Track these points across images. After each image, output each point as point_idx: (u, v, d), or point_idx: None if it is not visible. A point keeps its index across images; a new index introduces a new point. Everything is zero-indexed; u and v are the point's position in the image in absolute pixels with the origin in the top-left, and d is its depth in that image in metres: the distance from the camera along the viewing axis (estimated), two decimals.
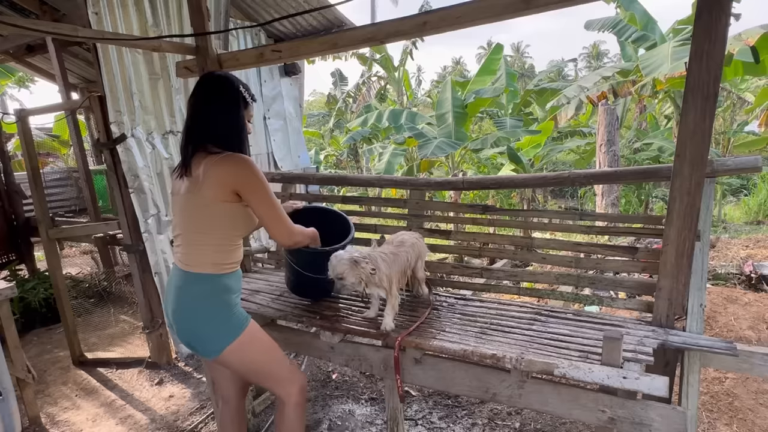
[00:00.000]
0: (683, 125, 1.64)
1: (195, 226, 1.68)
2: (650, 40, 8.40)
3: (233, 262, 1.74)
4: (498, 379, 1.73)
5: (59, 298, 3.66)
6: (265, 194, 1.66)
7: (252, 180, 1.63)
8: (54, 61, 4.57)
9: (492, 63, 9.71)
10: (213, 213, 1.65)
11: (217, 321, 1.67)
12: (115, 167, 3.24)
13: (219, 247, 1.68)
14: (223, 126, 1.69)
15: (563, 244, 2.09)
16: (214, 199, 1.62)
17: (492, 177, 2.24)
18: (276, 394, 1.83)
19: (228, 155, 1.64)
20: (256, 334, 1.76)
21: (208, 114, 1.68)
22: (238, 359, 1.72)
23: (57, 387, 3.45)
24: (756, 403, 2.49)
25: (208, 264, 1.67)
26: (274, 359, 1.80)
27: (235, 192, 1.63)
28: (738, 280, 3.77)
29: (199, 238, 1.68)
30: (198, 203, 1.65)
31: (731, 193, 12.12)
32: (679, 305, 1.80)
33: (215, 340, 1.67)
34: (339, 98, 16.57)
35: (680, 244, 1.74)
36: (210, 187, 1.61)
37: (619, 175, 2.03)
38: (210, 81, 1.73)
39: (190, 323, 1.68)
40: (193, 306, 1.67)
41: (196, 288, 1.67)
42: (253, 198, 1.65)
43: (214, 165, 1.62)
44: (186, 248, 1.70)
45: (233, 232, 1.71)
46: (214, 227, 1.67)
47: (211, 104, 1.69)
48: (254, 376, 1.83)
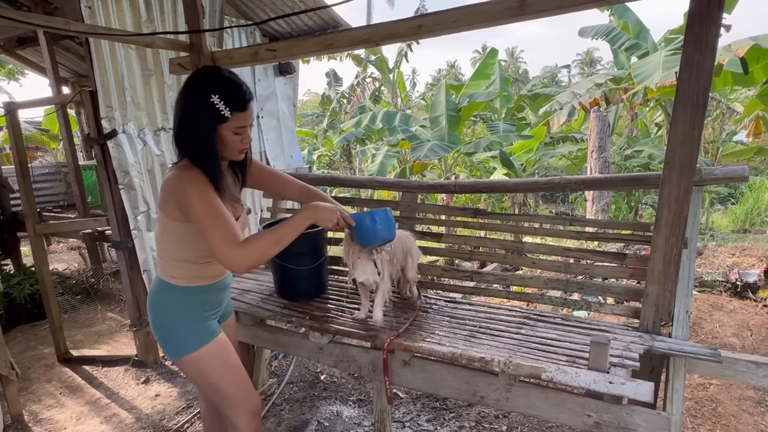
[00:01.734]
0: (672, 133, 1.67)
1: (159, 238, 1.65)
2: (642, 49, 8.49)
3: (202, 278, 1.65)
4: (486, 382, 1.73)
5: (45, 294, 3.61)
6: (197, 209, 1.42)
7: (186, 192, 1.43)
8: (45, 54, 4.52)
9: (486, 67, 9.77)
10: (169, 229, 1.57)
11: (179, 330, 1.64)
12: (105, 163, 3.20)
13: (179, 263, 1.60)
14: (184, 133, 1.49)
15: (553, 248, 2.11)
16: (168, 214, 1.53)
17: (484, 181, 2.25)
18: (226, 417, 1.73)
19: (175, 168, 1.49)
20: (219, 352, 1.67)
21: (174, 119, 1.52)
22: (192, 371, 1.67)
23: (41, 384, 3.40)
24: (739, 409, 2.52)
25: (168, 276, 1.63)
26: (229, 382, 1.69)
27: (179, 209, 1.49)
28: (724, 288, 3.82)
29: (161, 251, 1.65)
30: (159, 216, 1.59)
31: (719, 202, 12.29)
32: (666, 311, 1.82)
33: (174, 347, 1.65)
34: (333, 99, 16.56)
35: (668, 251, 1.76)
36: (162, 202, 1.54)
37: (609, 182, 2.05)
38: (189, 79, 1.52)
39: (156, 324, 1.67)
40: (156, 311, 1.66)
41: (160, 295, 1.66)
42: (190, 213, 1.44)
43: (166, 177, 1.52)
44: (157, 257, 1.69)
45: (193, 251, 1.58)
46: (172, 243, 1.59)
47: (178, 108, 1.50)
48: (207, 391, 1.74)
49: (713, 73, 1.90)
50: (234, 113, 1.46)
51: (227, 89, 1.46)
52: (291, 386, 3.19)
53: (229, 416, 1.71)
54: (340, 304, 2.31)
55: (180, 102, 1.50)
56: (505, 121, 10.93)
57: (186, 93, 1.49)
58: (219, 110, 1.43)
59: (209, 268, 1.66)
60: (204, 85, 1.46)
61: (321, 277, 2.42)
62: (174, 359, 1.67)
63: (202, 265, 1.63)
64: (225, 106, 1.44)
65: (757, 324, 2.92)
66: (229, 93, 1.46)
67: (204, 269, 1.64)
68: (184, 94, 1.49)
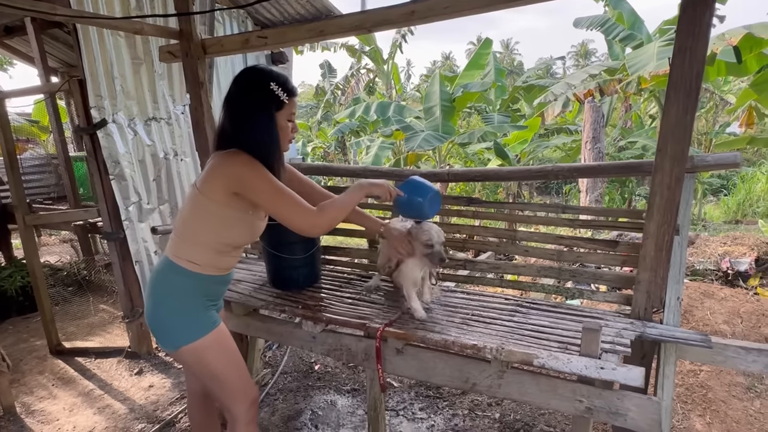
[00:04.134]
0: (665, 120, 1.66)
1: (188, 219, 1.61)
2: (637, 40, 8.48)
3: (218, 268, 1.66)
4: (478, 370, 1.74)
5: (36, 286, 3.58)
6: (264, 187, 1.51)
7: (246, 176, 1.50)
8: (33, 43, 4.43)
9: (481, 57, 9.72)
10: (207, 212, 1.56)
11: (181, 317, 1.61)
12: (95, 153, 3.17)
13: (204, 249, 1.60)
14: (247, 133, 1.55)
15: (546, 237, 2.11)
16: (208, 199, 1.54)
17: (477, 169, 2.24)
18: (224, 407, 1.73)
19: (227, 152, 1.54)
20: (221, 341, 1.68)
21: (233, 116, 1.57)
22: (193, 361, 1.65)
23: (33, 376, 3.38)
24: (729, 395, 2.55)
25: (185, 260, 1.60)
26: (230, 371, 1.70)
27: (232, 193, 1.53)
28: (715, 276, 3.85)
29: (186, 232, 1.61)
30: (194, 197, 1.57)
31: (711, 193, 12.37)
32: (657, 298, 1.83)
33: (174, 335, 1.62)
34: (327, 90, 16.44)
35: (659, 237, 1.76)
36: (205, 185, 1.54)
37: (602, 170, 2.05)
38: (239, 78, 1.60)
39: (155, 309, 1.63)
40: (161, 293, 1.63)
41: (168, 277, 1.62)
42: (253, 195, 1.53)
43: (212, 162, 1.56)
44: (174, 236, 1.65)
45: (225, 239, 1.61)
46: (205, 227, 1.58)
47: (238, 105, 1.57)
48: (204, 380, 1.74)
49: (706, 62, 1.90)
50: (290, 98, 1.60)
51: (280, 77, 1.60)
52: (285, 376, 3.19)
53: (228, 405, 1.71)
54: (333, 293, 2.30)
55: (235, 97, 1.57)
56: (499, 112, 10.92)
57: (242, 87, 1.57)
58: (278, 96, 1.56)
59: (227, 258, 1.68)
60: (261, 76, 1.57)
61: (314, 266, 2.41)
62: (173, 348, 1.63)
63: (223, 254, 1.64)
64: (282, 92, 1.57)
65: (747, 311, 2.94)
66: (282, 80, 1.59)
67: (223, 259, 1.66)
68: (240, 89, 1.57)
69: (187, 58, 2.56)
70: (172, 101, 3.65)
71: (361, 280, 2.46)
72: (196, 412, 2.00)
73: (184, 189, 3.75)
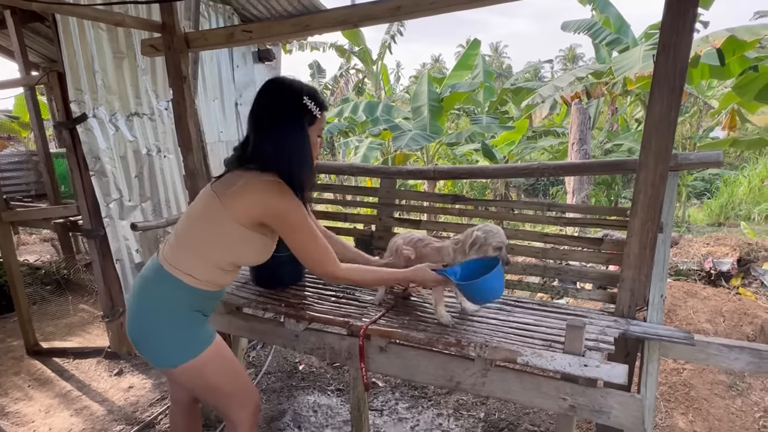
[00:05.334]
0: (649, 117, 1.66)
1: (198, 229, 1.50)
2: (623, 44, 8.58)
3: (218, 285, 1.57)
4: (462, 368, 1.72)
5: (13, 285, 3.49)
6: (299, 232, 1.48)
7: (284, 215, 1.45)
8: (13, 37, 4.31)
9: (469, 58, 9.75)
10: (224, 230, 1.47)
11: (177, 334, 1.50)
12: (74, 148, 3.09)
13: (208, 265, 1.51)
14: (279, 151, 1.45)
15: (531, 234, 2.10)
16: (234, 220, 1.45)
17: (463, 167, 2.23)
18: (225, 415, 1.64)
19: (268, 182, 1.45)
20: (217, 354, 1.58)
21: (263, 131, 1.47)
22: (192, 377, 1.55)
23: (8, 377, 3.29)
24: (711, 393, 2.57)
25: (183, 273, 1.48)
26: (232, 381, 1.62)
27: (260, 222, 1.47)
28: (698, 276, 3.89)
29: (192, 243, 1.50)
30: (215, 211, 1.46)
31: (695, 196, 12.55)
32: (641, 296, 1.83)
33: (167, 355, 1.51)
34: None
35: (643, 235, 1.76)
36: (235, 208, 1.44)
37: (587, 167, 2.05)
38: (267, 90, 1.50)
39: (144, 325, 1.51)
40: (153, 308, 1.50)
41: (162, 289, 1.50)
42: (286, 233, 1.49)
43: (250, 187, 1.44)
44: (176, 244, 1.52)
45: (234, 259, 1.54)
46: (217, 244, 1.49)
47: (269, 121, 1.47)
48: (206, 396, 1.65)
49: (690, 64, 1.90)
50: (321, 113, 1.53)
51: (311, 89, 1.52)
52: (269, 376, 3.15)
53: (230, 414, 1.63)
54: (317, 291, 2.27)
55: (265, 111, 1.48)
56: (488, 114, 10.98)
57: (273, 100, 1.48)
58: (311, 111, 1.48)
59: (228, 276, 1.60)
60: (292, 89, 1.48)
61: (298, 265, 2.35)
62: (168, 367, 1.52)
63: (227, 272, 1.57)
64: (315, 105, 1.49)
65: (729, 310, 2.97)
66: (313, 92, 1.51)
67: (225, 277, 1.58)
68: (270, 103, 1.48)
69: (170, 52, 2.51)
70: (155, 96, 3.58)
71: None
72: (180, 422, 1.91)
73: (167, 186, 3.69)
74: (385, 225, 2.47)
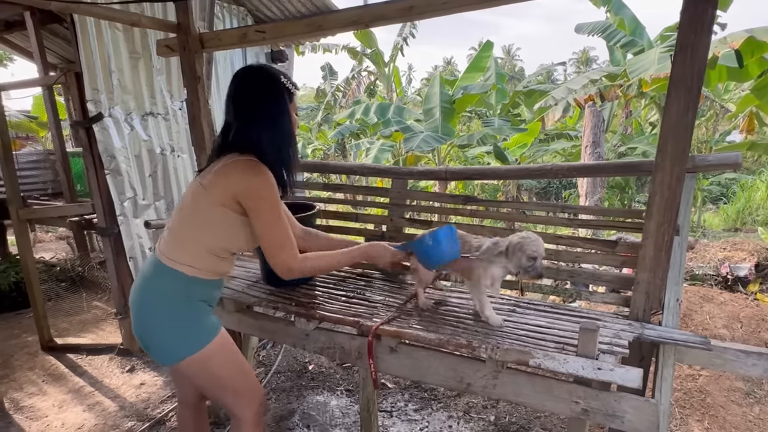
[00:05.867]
0: (666, 118, 1.63)
1: (188, 218, 1.54)
2: (638, 46, 8.49)
3: (215, 273, 1.60)
4: (473, 369, 1.70)
5: (29, 282, 3.55)
6: (266, 216, 1.48)
7: (255, 191, 1.46)
8: (32, 38, 4.40)
9: (481, 60, 9.71)
10: (212, 215, 1.50)
11: (180, 328, 1.52)
12: (90, 147, 3.14)
13: (203, 253, 1.54)
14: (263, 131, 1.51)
15: (543, 236, 2.07)
16: (218, 202, 1.48)
17: (475, 167, 2.22)
18: (231, 412, 1.65)
19: (247, 161, 1.48)
20: (223, 346, 1.60)
21: (246, 115, 1.52)
22: (198, 370, 1.57)
23: (23, 372, 3.34)
24: (727, 400, 2.52)
25: (183, 264, 1.51)
26: (238, 375, 1.64)
27: (237, 201, 1.49)
28: (715, 281, 3.82)
29: (186, 235, 1.53)
30: (201, 197, 1.50)
31: (711, 201, 12.35)
32: (656, 299, 1.79)
33: (174, 348, 1.52)
34: (328, 92, 16.45)
35: (659, 237, 1.73)
36: (217, 189, 1.48)
37: (602, 169, 2.03)
38: (245, 76, 1.56)
39: (148, 320, 1.53)
40: (155, 302, 1.52)
41: (163, 283, 1.52)
42: (253, 215, 1.49)
43: (230, 167, 1.48)
44: (170, 237, 1.56)
45: (226, 244, 1.56)
46: (208, 230, 1.52)
47: (251, 104, 1.52)
48: (210, 389, 1.65)
49: (708, 66, 1.87)
50: (295, 90, 1.61)
51: (283, 72, 1.60)
52: (278, 376, 3.16)
53: (235, 410, 1.64)
54: (328, 290, 2.26)
55: (248, 94, 1.53)
56: (500, 117, 10.93)
57: (254, 83, 1.54)
58: (289, 90, 1.57)
59: (225, 264, 1.63)
60: (269, 71, 1.57)
61: None
62: (174, 361, 1.53)
63: (222, 259, 1.59)
64: (291, 85, 1.58)
65: (747, 316, 2.91)
66: (286, 74, 1.60)
67: (222, 264, 1.60)
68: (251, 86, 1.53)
69: (185, 52, 2.54)
70: (169, 97, 3.62)
71: (355, 279, 2.43)
72: (188, 423, 1.91)
73: (180, 185, 3.72)
74: (396, 225, 2.47)
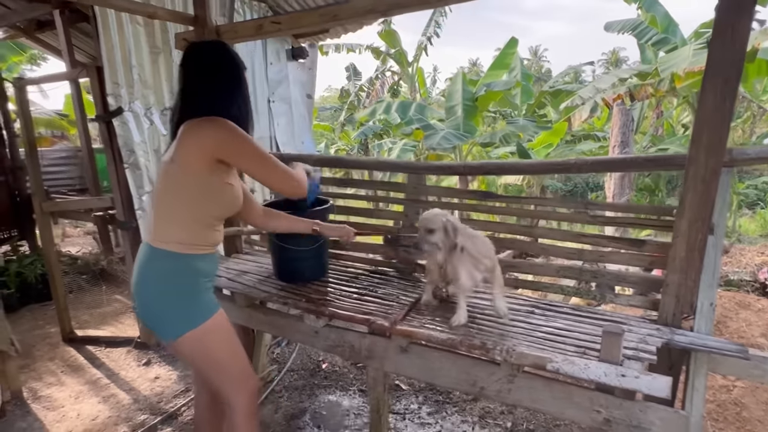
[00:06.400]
0: (701, 108, 1.52)
1: (166, 196, 1.53)
2: (671, 44, 8.17)
3: (206, 245, 1.59)
4: (486, 372, 1.61)
5: (51, 274, 3.60)
6: (251, 150, 1.51)
7: (230, 139, 1.48)
8: (60, 36, 4.50)
9: (506, 57, 9.49)
10: (185, 183, 1.49)
11: (178, 304, 1.54)
12: (110, 141, 3.16)
13: (189, 224, 1.53)
14: (223, 100, 1.54)
15: (565, 234, 1.97)
16: (189, 167, 1.47)
17: (494, 162, 2.12)
18: (224, 396, 1.65)
19: (203, 119, 1.49)
20: (221, 326, 1.61)
21: (204, 87, 1.54)
22: (193, 350, 1.58)
23: (44, 363, 3.39)
24: (766, 414, 2.34)
25: (173, 242, 1.52)
26: (232, 358, 1.64)
27: (214, 159, 1.48)
28: (751, 287, 3.60)
29: (167, 211, 1.53)
30: (171, 171, 1.50)
31: (747, 206, 11.82)
32: (688, 303, 1.67)
33: (172, 325, 1.54)
34: (352, 92, 16.46)
35: (691, 236, 1.61)
36: (184, 154, 1.47)
37: (629, 163, 1.90)
38: (203, 50, 1.60)
39: (149, 302, 1.55)
40: (153, 284, 1.54)
41: (158, 265, 1.53)
42: (240, 159, 1.52)
43: (188, 129, 1.48)
44: (155, 220, 1.56)
45: (207, 210, 1.56)
46: (185, 200, 1.51)
47: (208, 76, 1.54)
48: (205, 369, 1.65)
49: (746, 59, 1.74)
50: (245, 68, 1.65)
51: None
52: (291, 374, 3.11)
53: (228, 395, 1.64)
54: (340, 287, 2.21)
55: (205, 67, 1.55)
56: (525, 117, 10.71)
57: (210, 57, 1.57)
58: (242, 62, 1.63)
59: (214, 232, 1.62)
60: (222, 45, 1.63)
61: (321, 259, 2.32)
62: (174, 337, 1.54)
63: (209, 228, 1.59)
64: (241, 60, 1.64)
65: None
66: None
67: (210, 234, 1.60)
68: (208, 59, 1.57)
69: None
70: None
71: (369, 276, 2.36)
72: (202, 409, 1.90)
73: None
74: (411, 222, 2.39)
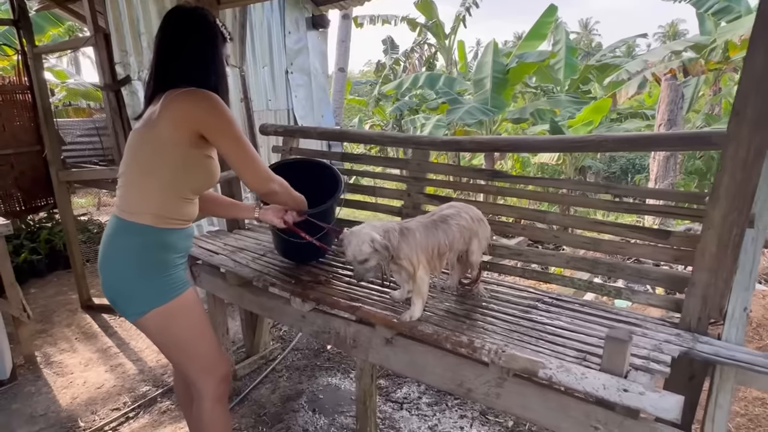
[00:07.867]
0: (746, 71, 1.25)
1: (140, 166, 1.45)
2: (734, 12, 7.38)
3: (181, 219, 1.51)
4: (474, 373, 1.44)
5: (69, 242, 3.67)
6: (231, 132, 1.44)
7: (216, 115, 1.42)
8: (84, 4, 4.50)
9: (542, 26, 8.78)
10: (164, 153, 1.42)
11: (144, 280, 1.45)
12: (119, 110, 3.12)
13: (164, 195, 1.45)
14: (199, 69, 1.47)
15: (578, 220, 1.74)
16: (169, 138, 1.40)
17: (504, 138, 1.91)
18: (191, 381, 1.59)
19: (190, 90, 1.42)
20: (190, 305, 1.53)
21: (180, 54, 1.47)
22: (159, 328, 1.50)
23: (60, 329, 3.48)
24: None
25: (147, 214, 1.43)
26: (200, 341, 1.56)
27: (196, 132, 1.41)
28: None
29: (142, 181, 1.44)
30: (149, 139, 1.43)
31: None
32: (716, 306, 1.43)
33: (137, 301, 1.46)
34: (387, 66, 16.06)
35: (725, 229, 1.36)
36: (166, 124, 1.39)
37: (661, 141, 1.64)
38: (181, 16, 1.51)
39: (114, 277, 1.46)
40: (120, 259, 1.45)
41: (127, 239, 1.45)
42: (217, 136, 1.43)
43: (174, 99, 1.40)
44: (125, 191, 1.47)
45: (185, 182, 1.48)
46: (163, 170, 1.43)
47: (185, 43, 1.47)
48: (171, 352, 1.58)
49: None
50: (229, 38, 1.59)
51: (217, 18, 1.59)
52: (295, 353, 3.05)
53: (195, 379, 1.57)
54: (334, 271, 2.07)
55: (181, 35, 1.48)
56: (568, 93, 10.06)
57: (188, 24, 1.49)
58: (222, 33, 1.54)
59: (190, 206, 1.54)
60: (203, 13, 1.53)
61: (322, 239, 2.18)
62: (138, 314, 1.47)
63: (187, 200, 1.52)
64: (224, 29, 1.56)
65: None
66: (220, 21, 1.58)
67: (186, 207, 1.52)
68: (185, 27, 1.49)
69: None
70: None
71: None
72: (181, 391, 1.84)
73: None
74: (414, 202, 2.21)
